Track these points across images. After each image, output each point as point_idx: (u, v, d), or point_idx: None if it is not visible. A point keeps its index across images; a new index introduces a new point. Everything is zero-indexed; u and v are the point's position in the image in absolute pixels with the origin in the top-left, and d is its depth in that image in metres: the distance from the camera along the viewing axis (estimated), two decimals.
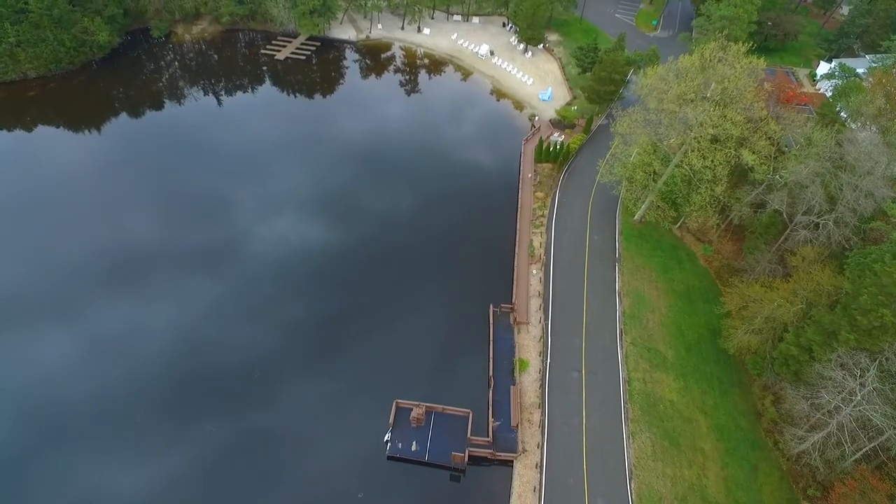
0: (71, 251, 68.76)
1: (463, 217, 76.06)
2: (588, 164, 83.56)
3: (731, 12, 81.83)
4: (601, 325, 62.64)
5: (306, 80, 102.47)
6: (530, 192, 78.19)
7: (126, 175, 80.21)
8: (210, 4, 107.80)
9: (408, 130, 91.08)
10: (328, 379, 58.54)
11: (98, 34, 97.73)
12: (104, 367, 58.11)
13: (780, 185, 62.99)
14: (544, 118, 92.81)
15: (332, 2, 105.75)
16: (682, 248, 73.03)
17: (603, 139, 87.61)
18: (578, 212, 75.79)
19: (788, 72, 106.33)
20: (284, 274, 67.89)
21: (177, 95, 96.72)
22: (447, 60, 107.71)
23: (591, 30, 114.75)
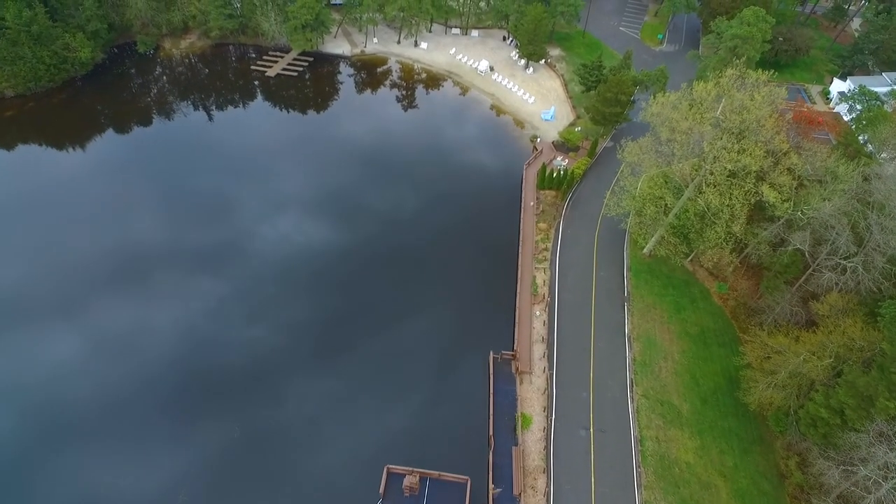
0: (45, 281, 63.65)
1: (461, 249, 70.67)
2: (593, 191, 78.28)
3: (744, 31, 76.48)
4: (610, 375, 57.44)
5: (297, 99, 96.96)
6: (532, 223, 72.90)
7: (107, 197, 75.03)
8: (199, 18, 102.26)
9: (403, 152, 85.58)
10: (311, 444, 53.20)
11: (80, 51, 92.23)
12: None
13: (802, 224, 57.85)
14: (546, 140, 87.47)
15: (325, 16, 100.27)
16: (695, 284, 67.80)
17: (608, 163, 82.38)
18: (584, 245, 70.53)
19: (800, 89, 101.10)
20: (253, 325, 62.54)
21: (161, 114, 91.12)
22: (445, 76, 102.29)
23: (594, 44, 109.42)
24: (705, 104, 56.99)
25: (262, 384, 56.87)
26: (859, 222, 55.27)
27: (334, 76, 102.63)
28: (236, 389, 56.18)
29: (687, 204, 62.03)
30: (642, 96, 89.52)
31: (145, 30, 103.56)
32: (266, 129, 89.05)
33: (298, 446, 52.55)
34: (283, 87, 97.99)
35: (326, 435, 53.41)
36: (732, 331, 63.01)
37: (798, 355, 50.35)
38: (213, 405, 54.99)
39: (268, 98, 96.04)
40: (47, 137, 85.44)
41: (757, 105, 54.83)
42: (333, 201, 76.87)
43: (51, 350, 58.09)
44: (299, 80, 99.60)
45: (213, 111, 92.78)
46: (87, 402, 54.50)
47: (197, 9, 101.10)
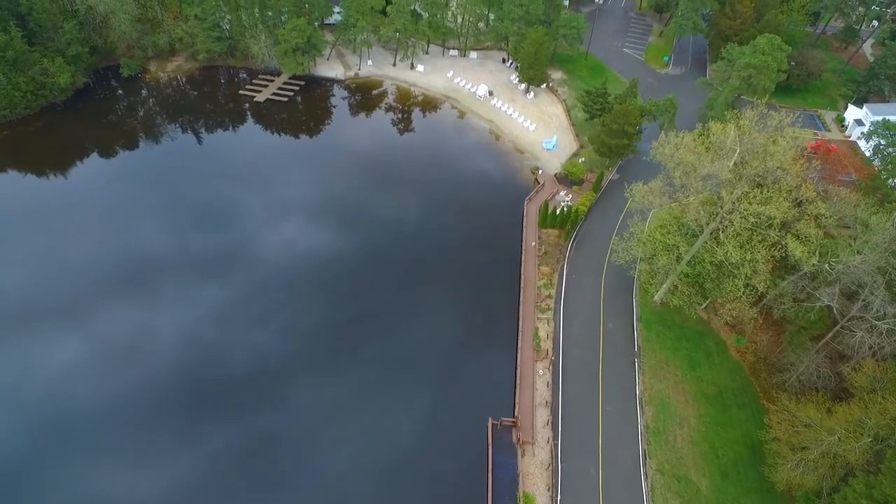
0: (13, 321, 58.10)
1: (457, 296, 64.88)
2: (599, 229, 72.70)
3: (758, 61, 71.05)
4: (620, 445, 51.65)
5: (287, 126, 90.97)
6: (534, 266, 67.28)
7: (84, 228, 69.84)
8: (186, 40, 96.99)
9: (397, 185, 79.72)
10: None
11: (59, 76, 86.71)
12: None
13: (831, 279, 52.25)
14: (549, 171, 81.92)
15: (317, 39, 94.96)
16: (710, 335, 62.09)
17: (614, 198, 76.77)
18: (590, 291, 64.87)
19: (814, 115, 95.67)
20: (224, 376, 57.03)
21: (143, 142, 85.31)
22: (442, 101, 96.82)
23: (597, 66, 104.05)
24: (723, 150, 51.50)
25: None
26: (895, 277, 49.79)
27: (326, 101, 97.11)
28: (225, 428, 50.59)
29: (702, 251, 56.49)
30: (649, 125, 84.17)
31: (130, 52, 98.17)
32: (253, 159, 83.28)
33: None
34: (273, 113, 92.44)
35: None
36: (752, 390, 57.27)
37: (832, 433, 44.64)
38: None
39: (256, 125, 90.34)
40: (22, 167, 79.89)
41: (781, 150, 49.39)
42: (317, 240, 71.19)
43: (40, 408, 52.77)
44: (290, 106, 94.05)
45: (198, 139, 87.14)
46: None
47: (184, 31, 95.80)
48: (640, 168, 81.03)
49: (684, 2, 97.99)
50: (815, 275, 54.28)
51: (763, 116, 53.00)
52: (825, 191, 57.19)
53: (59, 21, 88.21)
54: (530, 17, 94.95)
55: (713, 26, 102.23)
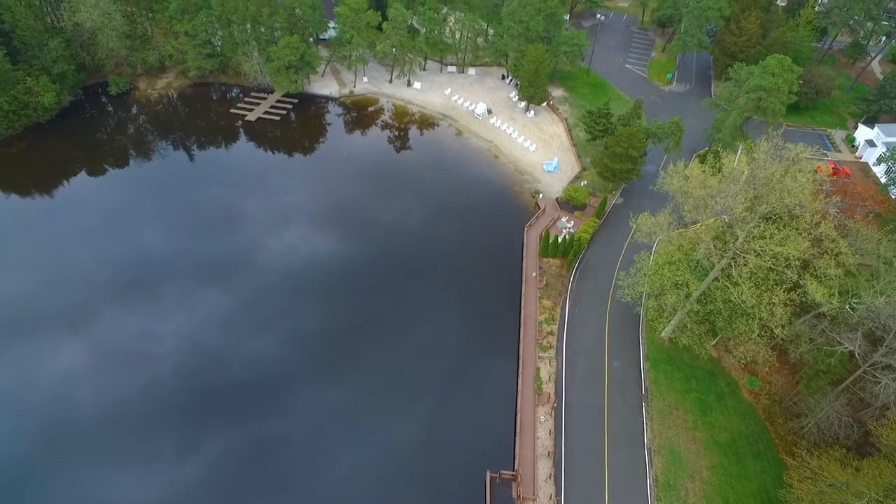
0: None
1: (454, 333, 60.97)
2: (603, 257, 69.00)
3: (768, 82, 67.56)
4: (629, 502, 47.80)
5: (279, 146, 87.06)
6: (535, 299, 63.52)
7: (66, 252, 66.52)
8: (176, 57, 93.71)
9: (392, 209, 75.86)
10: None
11: (43, 95, 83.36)
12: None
13: (854, 322, 48.52)
14: (550, 195, 78.26)
15: (311, 56, 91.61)
16: (721, 375, 58.25)
17: (619, 223, 73.14)
18: (594, 327, 61.09)
19: (822, 135, 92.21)
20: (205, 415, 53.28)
21: (129, 163, 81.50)
22: (439, 120, 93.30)
23: (599, 83, 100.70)
24: (736, 184, 47.83)
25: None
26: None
27: (320, 120, 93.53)
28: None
29: (713, 287, 52.76)
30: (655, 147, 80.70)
31: (119, 69, 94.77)
32: (243, 181, 79.47)
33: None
34: (265, 133, 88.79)
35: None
36: (768, 437, 53.37)
37: (860, 496, 40.84)
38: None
39: (247, 146, 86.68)
40: (3, 189, 76.42)
41: (801, 187, 45.77)
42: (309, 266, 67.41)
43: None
44: (282, 125, 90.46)
45: (187, 160, 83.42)
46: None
47: (174, 48, 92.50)
48: (645, 191, 77.53)
49: (688, 18, 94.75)
50: (835, 316, 50.59)
51: (778, 147, 49.45)
52: (844, 225, 53.57)
53: (44, 38, 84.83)
54: (530, 33, 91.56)
55: (718, 43, 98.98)
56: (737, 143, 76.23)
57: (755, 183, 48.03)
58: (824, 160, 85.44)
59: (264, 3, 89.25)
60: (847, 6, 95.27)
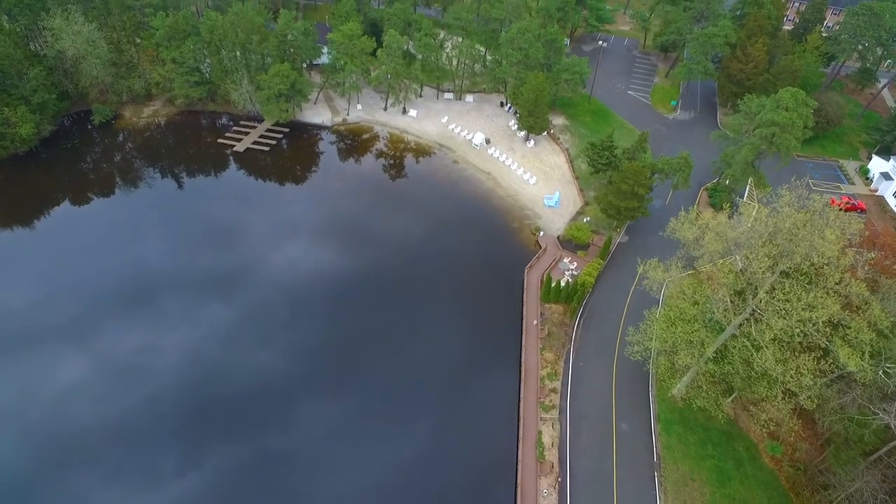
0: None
1: (449, 391, 55.93)
2: (609, 303, 64.25)
3: (781, 117, 63.44)
4: None
5: (264, 180, 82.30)
6: (536, 352, 58.68)
7: (40, 289, 62.14)
8: (163, 85, 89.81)
9: (382, 247, 70.86)
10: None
11: (21, 126, 79.22)
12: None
13: (890, 391, 43.74)
14: (551, 233, 73.75)
15: (302, 84, 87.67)
16: (740, 437, 53.18)
17: (624, 264, 68.52)
18: (600, 383, 56.16)
19: (835, 167, 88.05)
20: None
21: (108, 197, 77.01)
22: (436, 150, 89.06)
23: (601, 111, 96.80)
24: (759, 240, 43.31)
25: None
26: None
27: (311, 151, 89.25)
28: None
29: (731, 346, 48.05)
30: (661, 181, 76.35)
31: (104, 97, 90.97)
32: (228, 216, 74.87)
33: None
34: (254, 165, 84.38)
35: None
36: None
37: None
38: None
39: (234, 179, 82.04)
40: None
41: (830, 243, 41.26)
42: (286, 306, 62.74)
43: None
44: (272, 156, 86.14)
45: (170, 193, 78.76)
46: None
47: (160, 75, 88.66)
48: (652, 228, 73.12)
49: (693, 45, 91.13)
50: (869, 387, 45.75)
51: (802, 198, 45.05)
52: (874, 281, 49.00)
53: (24, 67, 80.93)
54: (530, 60, 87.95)
55: (723, 70, 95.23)
56: (748, 178, 72.06)
57: (777, 238, 43.59)
58: (838, 193, 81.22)
59: (254, 30, 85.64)
60: (857, 32, 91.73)
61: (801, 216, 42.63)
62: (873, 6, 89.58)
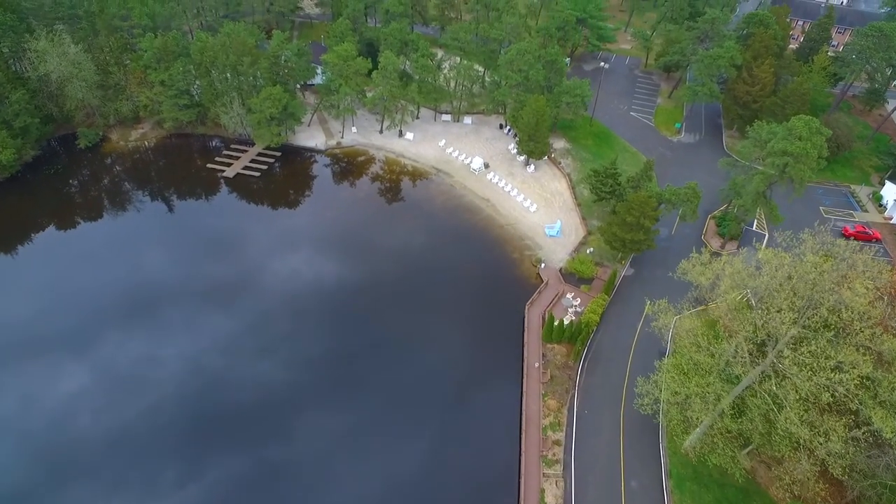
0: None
1: (443, 442, 51.99)
2: (615, 344, 60.37)
3: (795, 147, 60.08)
4: None
5: (254, 207, 78.69)
6: (538, 398, 54.72)
7: (14, 322, 58.21)
8: (151, 108, 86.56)
9: (375, 278, 67.07)
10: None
11: (1, 152, 75.99)
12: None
13: None
14: (552, 264, 70.08)
15: (295, 107, 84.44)
16: (758, 495, 48.96)
17: (630, 299, 64.83)
18: (607, 434, 52.17)
19: (846, 192, 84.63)
20: None
21: (91, 226, 73.49)
22: (433, 175, 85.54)
23: (603, 133, 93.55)
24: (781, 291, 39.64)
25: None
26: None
27: (304, 176, 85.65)
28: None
29: (749, 399, 44.26)
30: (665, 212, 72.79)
31: (90, 120, 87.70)
32: (213, 247, 71.21)
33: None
34: (243, 191, 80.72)
35: None
36: None
37: None
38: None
39: (222, 207, 78.20)
40: None
41: (860, 296, 37.61)
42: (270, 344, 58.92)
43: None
44: (262, 181, 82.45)
45: (154, 222, 74.82)
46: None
47: (148, 98, 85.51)
48: (658, 260, 69.67)
49: (697, 67, 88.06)
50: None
51: (826, 244, 41.50)
52: None
53: (5, 90, 77.83)
54: (530, 83, 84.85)
55: (729, 91, 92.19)
56: (758, 208, 68.59)
57: (800, 288, 39.93)
58: (851, 222, 77.72)
59: (245, 52, 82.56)
60: (866, 53, 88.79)
61: (826, 265, 39.11)
62: (882, 27, 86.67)
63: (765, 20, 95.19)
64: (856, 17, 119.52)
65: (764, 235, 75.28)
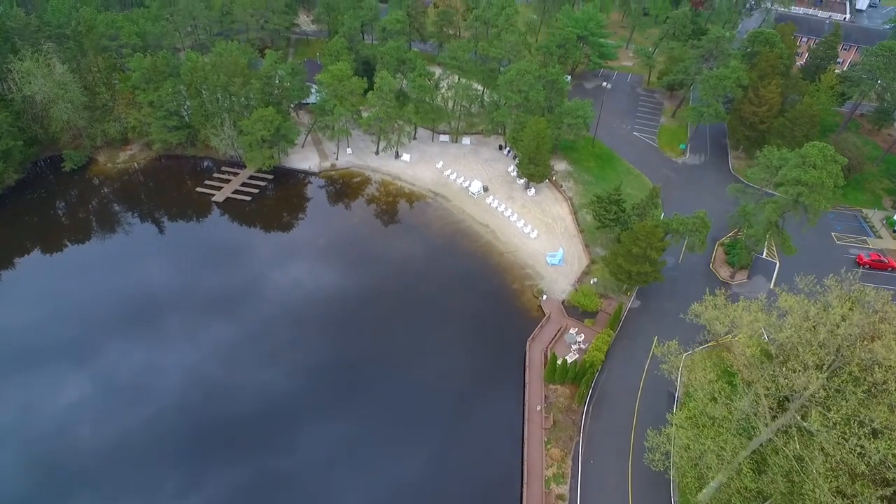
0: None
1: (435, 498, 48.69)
2: (621, 384, 56.69)
3: (809, 177, 56.89)
4: None
5: (244, 232, 75.48)
6: (541, 445, 50.99)
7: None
8: (140, 129, 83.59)
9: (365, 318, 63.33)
10: None
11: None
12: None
13: None
14: (555, 296, 66.58)
15: (287, 128, 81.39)
16: None
17: (637, 334, 61.36)
18: (615, 487, 48.31)
19: (858, 217, 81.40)
20: None
21: (74, 253, 70.38)
22: (430, 199, 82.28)
23: (606, 154, 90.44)
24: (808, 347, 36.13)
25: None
26: None
27: (296, 200, 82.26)
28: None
29: (770, 454, 40.66)
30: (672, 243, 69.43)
31: (76, 142, 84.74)
32: (198, 277, 67.81)
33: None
34: (232, 216, 77.32)
35: None
36: None
37: None
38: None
39: (210, 233, 75.13)
40: None
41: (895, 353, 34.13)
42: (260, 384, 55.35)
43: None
44: (253, 206, 79.05)
45: (140, 250, 71.28)
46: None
47: (136, 119, 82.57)
48: (666, 291, 66.34)
49: (703, 88, 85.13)
50: None
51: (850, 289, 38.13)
52: None
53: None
54: (530, 104, 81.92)
55: (734, 112, 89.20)
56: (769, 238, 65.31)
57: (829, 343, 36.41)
58: (865, 249, 74.39)
59: (236, 73, 79.68)
60: (876, 73, 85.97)
61: (856, 317, 35.66)
62: (893, 46, 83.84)
63: (770, 39, 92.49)
64: (861, 35, 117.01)
65: (775, 264, 71.91)
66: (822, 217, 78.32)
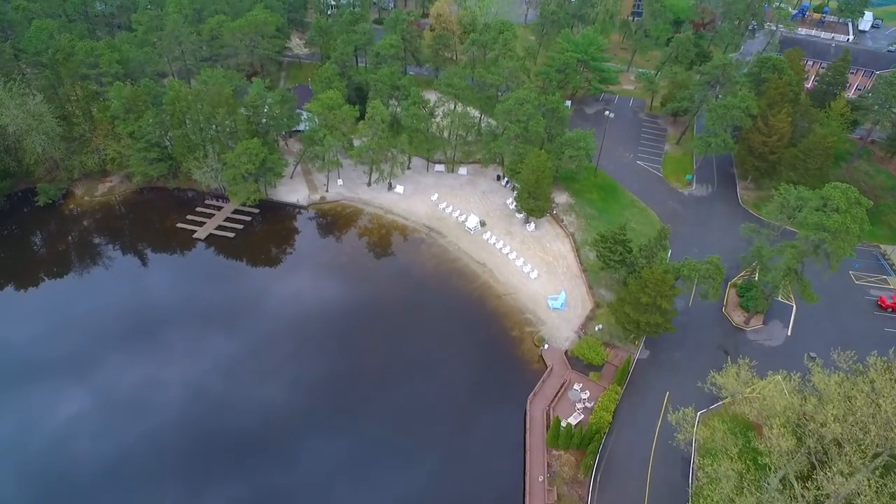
0: None
1: None
2: (630, 449, 51.45)
3: (833, 223, 52.32)
4: None
5: (225, 274, 70.45)
6: None
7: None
8: (119, 161, 79.06)
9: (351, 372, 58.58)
10: None
11: None
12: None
13: None
14: (557, 345, 61.60)
15: (274, 161, 76.82)
16: None
17: (646, 388, 56.37)
18: None
19: (876, 253, 76.81)
20: None
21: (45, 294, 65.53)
22: (424, 235, 77.46)
23: (609, 186, 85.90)
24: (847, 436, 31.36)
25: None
26: None
27: (282, 237, 77.30)
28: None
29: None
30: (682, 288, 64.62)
31: (53, 174, 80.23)
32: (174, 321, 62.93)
33: None
34: (214, 254, 72.37)
35: None
36: None
37: None
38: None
39: (189, 275, 70.33)
40: None
41: None
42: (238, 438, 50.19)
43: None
44: (237, 243, 74.16)
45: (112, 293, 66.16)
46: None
47: (116, 151, 78.12)
48: (677, 339, 61.44)
49: (710, 117, 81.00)
50: None
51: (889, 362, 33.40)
52: None
53: None
54: (530, 134, 77.68)
55: (743, 141, 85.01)
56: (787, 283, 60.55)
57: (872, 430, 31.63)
58: (887, 290, 69.73)
59: (220, 103, 75.30)
60: (889, 102, 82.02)
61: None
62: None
63: (779, 65, 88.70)
64: (868, 58, 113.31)
65: (791, 307, 67.17)
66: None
